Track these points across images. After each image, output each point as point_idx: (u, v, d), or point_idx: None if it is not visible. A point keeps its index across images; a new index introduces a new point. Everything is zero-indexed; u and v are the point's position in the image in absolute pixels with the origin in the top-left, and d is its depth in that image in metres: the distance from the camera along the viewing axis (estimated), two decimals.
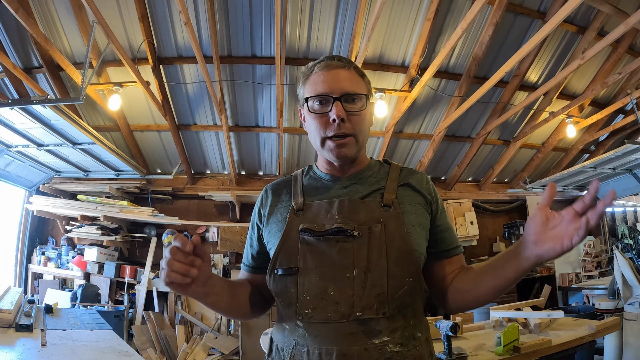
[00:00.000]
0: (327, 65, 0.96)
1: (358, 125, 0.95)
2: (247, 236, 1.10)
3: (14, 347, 1.82)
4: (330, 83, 0.94)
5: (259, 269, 1.04)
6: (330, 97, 0.93)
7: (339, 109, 0.92)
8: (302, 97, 1.00)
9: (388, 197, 0.95)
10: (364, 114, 0.96)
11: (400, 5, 3.91)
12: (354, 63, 1.01)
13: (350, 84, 0.95)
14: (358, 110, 0.95)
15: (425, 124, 5.27)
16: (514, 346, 1.94)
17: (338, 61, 0.97)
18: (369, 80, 1.03)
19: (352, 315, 0.85)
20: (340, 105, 0.92)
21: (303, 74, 1.01)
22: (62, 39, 3.96)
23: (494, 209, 6.33)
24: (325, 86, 0.94)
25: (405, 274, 0.88)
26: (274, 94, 4.55)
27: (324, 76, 0.95)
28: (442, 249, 0.99)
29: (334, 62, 0.96)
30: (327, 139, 0.95)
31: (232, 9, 3.84)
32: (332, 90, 0.93)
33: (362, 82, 0.99)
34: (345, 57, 1.02)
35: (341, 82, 0.94)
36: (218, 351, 4.50)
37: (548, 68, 4.88)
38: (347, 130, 0.93)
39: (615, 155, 4.71)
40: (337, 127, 0.92)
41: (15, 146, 4.23)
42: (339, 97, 0.93)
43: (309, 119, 0.98)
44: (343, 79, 0.95)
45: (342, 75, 0.95)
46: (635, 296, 3.05)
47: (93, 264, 4.85)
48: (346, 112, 0.93)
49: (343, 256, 0.88)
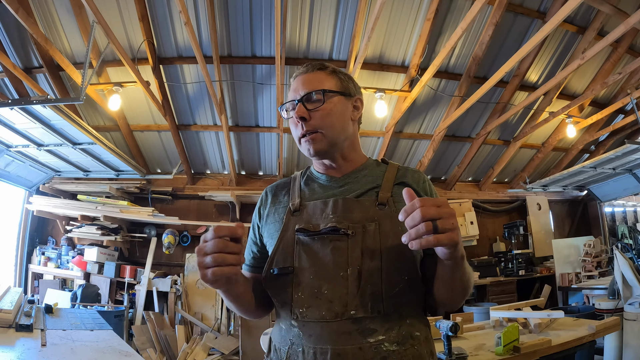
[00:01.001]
0: (297, 74, 1.04)
1: (322, 120, 0.98)
2: (247, 236, 1.11)
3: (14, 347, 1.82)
4: (296, 89, 1.01)
5: (251, 267, 1.07)
6: (294, 101, 1.00)
7: (298, 108, 0.98)
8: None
9: (383, 196, 0.96)
10: (326, 109, 0.98)
11: (400, 5, 3.91)
12: (323, 65, 1.05)
13: (310, 84, 1.00)
14: (316, 107, 0.98)
15: (425, 124, 5.27)
16: (514, 346, 1.94)
17: (305, 67, 1.04)
18: (346, 75, 1.06)
19: (345, 314, 0.85)
20: (301, 106, 0.98)
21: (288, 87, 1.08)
22: (62, 39, 3.96)
23: (494, 209, 6.33)
24: (293, 92, 1.01)
25: (401, 272, 0.88)
26: (274, 94, 4.55)
27: (293, 85, 1.03)
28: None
29: (301, 70, 1.04)
30: (301, 138, 1.00)
31: (232, 9, 3.84)
32: (295, 95, 1.00)
33: (330, 78, 1.02)
34: (319, 62, 1.07)
35: (303, 85, 1.00)
36: (218, 351, 4.50)
37: (548, 68, 4.88)
38: (310, 127, 0.97)
39: (615, 155, 4.71)
40: (301, 127, 0.98)
41: (15, 146, 4.23)
42: (301, 99, 0.98)
43: (290, 125, 1.04)
44: (305, 82, 1.01)
45: (305, 79, 1.01)
46: (635, 296, 3.05)
47: (93, 264, 4.85)
48: (308, 111, 0.97)
49: (337, 255, 0.89)
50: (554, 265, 5.60)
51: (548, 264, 5.89)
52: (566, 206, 6.76)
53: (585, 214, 6.75)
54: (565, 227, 6.68)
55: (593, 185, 6.16)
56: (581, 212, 6.76)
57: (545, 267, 5.86)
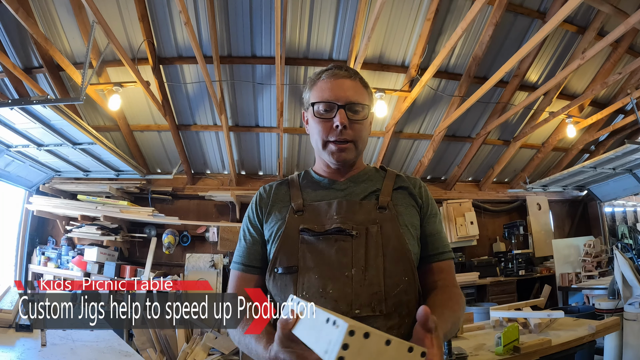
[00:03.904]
0: (334, 74, 1.01)
1: (359, 132, 1.00)
2: (239, 236, 1.10)
3: (14, 347, 1.82)
4: (336, 91, 0.99)
5: (258, 268, 1.04)
6: (335, 104, 0.98)
7: (342, 116, 0.97)
8: (308, 101, 1.05)
9: (383, 200, 0.99)
10: (365, 123, 1.01)
11: (400, 5, 3.91)
12: (359, 74, 1.05)
13: (355, 94, 1.00)
14: (360, 120, 1.00)
15: (425, 124, 5.27)
16: (514, 346, 1.94)
17: (345, 71, 1.02)
18: (372, 92, 1.08)
19: (350, 314, 0.86)
20: (344, 113, 0.97)
21: (310, 80, 1.06)
22: (62, 39, 3.96)
23: (494, 209, 6.32)
24: (331, 93, 0.99)
25: (401, 273, 0.90)
26: (274, 94, 4.54)
27: (330, 84, 1.00)
28: (428, 253, 1.01)
29: (340, 72, 1.02)
30: (329, 142, 0.99)
31: (232, 9, 3.84)
32: (337, 98, 0.98)
33: (365, 93, 1.03)
34: (352, 68, 1.07)
35: (346, 91, 0.99)
36: (218, 351, 4.50)
37: (548, 68, 4.87)
38: (348, 136, 0.98)
39: (615, 155, 4.71)
40: (340, 133, 0.97)
41: (15, 146, 4.23)
42: (344, 105, 0.98)
43: (313, 123, 1.02)
44: (348, 88, 1.00)
45: (347, 85, 1.00)
46: (635, 296, 3.05)
47: (93, 264, 4.85)
48: (349, 120, 0.98)
49: (342, 255, 0.90)
50: (554, 265, 5.60)
51: (548, 264, 5.89)
52: (566, 206, 6.76)
53: (585, 214, 6.75)
54: (565, 227, 6.68)
55: (593, 185, 6.16)
56: (581, 212, 6.76)
57: (545, 267, 5.86)
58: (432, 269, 1.00)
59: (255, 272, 1.04)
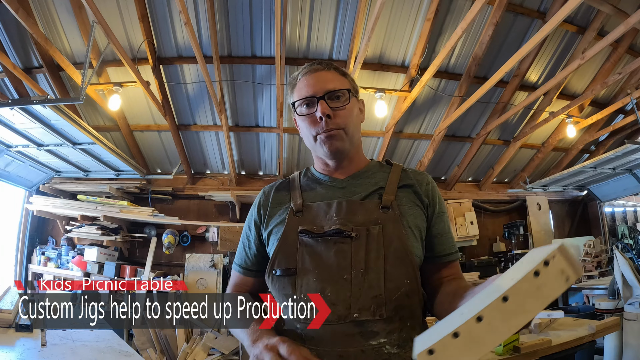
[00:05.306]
0: (308, 70, 1.01)
1: (345, 119, 0.98)
2: (241, 238, 1.09)
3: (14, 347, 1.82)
4: (313, 85, 0.98)
5: (254, 271, 1.04)
6: (314, 97, 0.97)
7: (323, 106, 0.95)
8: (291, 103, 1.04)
9: (387, 199, 0.95)
10: (349, 108, 0.99)
11: (400, 5, 3.91)
12: (334, 65, 1.04)
13: (332, 83, 0.99)
14: (342, 105, 0.98)
15: (425, 124, 5.27)
16: (514, 346, 1.94)
17: (318, 65, 1.02)
18: (352, 78, 1.06)
19: (349, 317, 0.85)
20: (325, 103, 0.96)
21: (290, 84, 1.05)
22: (62, 39, 3.96)
23: (494, 209, 6.32)
24: (308, 89, 0.98)
25: (403, 276, 0.88)
26: (274, 94, 4.54)
27: (307, 80, 1.00)
28: (435, 254, 0.99)
29: (314, 66, 1.02)
30: (317, 136, 0.98)
31: (232, 9, 3.84)
32: (315, 91, 0.97)
33: (344, 79, 1.02)
34: (325, 60, 1.07)
35: (323, 83, 0.98)
36: (218, 351, 4.50)
37: (548, 68, 4.87)
38: (334, 125, 0.97)
39: (615, 155, 4.71)
40: (325, 123, 0.96)
41: (15, 146, 4.23)
42: (322, 96, 0.96)
43: (300, 122, 1.02)
44: (324, 79, 0.99)
45: (323, 77, 1.00)
46: (635, 296, 3.05)
47: (93, 264, 4.84)
48: (331, 109, 0.96)
49: (340, 257, 0.88)
50: None
51: None
52: (566, 206, 6.75)
53: (585, 214, 6.75)
54: (565, 227, 6.68)
55: (593, 185, 6.16)
56: (581, 212, 6.75)
57: None
58: (439, 269, 0.99)
59: (252, 274, 1.05)
